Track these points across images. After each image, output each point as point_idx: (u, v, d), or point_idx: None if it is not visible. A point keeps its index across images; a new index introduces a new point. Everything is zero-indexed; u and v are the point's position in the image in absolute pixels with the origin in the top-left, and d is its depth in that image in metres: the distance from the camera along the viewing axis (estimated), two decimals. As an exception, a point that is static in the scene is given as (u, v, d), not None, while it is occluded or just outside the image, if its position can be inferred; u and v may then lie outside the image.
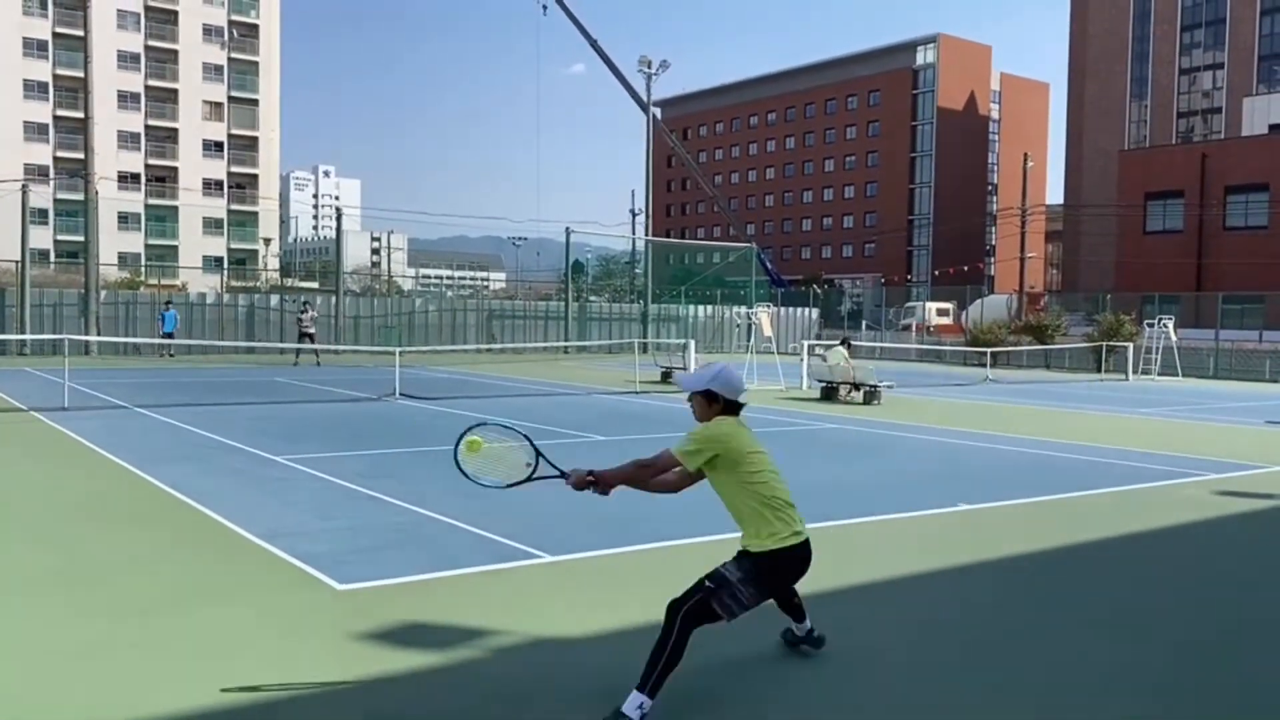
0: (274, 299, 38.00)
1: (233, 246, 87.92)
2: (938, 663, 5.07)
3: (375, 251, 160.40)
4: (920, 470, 11.61)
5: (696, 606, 4.29)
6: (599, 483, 4.74)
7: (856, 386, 20.49)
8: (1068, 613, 5.98)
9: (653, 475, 4.78)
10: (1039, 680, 4.83)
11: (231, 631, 5.25)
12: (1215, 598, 6.46)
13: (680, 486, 4.83)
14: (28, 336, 29.39)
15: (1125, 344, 32.68)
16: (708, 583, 4.36)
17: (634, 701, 4.12)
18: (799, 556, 4.48)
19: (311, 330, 30.46)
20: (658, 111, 65.34)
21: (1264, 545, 8.24)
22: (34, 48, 79.69)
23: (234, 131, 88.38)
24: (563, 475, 4.85)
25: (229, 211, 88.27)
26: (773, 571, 4.43)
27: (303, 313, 31.16)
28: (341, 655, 4.88)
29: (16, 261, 34.18)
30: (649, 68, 45.62)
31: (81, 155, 42.23)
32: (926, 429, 15.67)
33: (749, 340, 26.53)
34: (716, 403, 4.60)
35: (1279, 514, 9.44)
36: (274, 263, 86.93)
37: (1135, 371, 31.74)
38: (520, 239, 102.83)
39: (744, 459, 4.48)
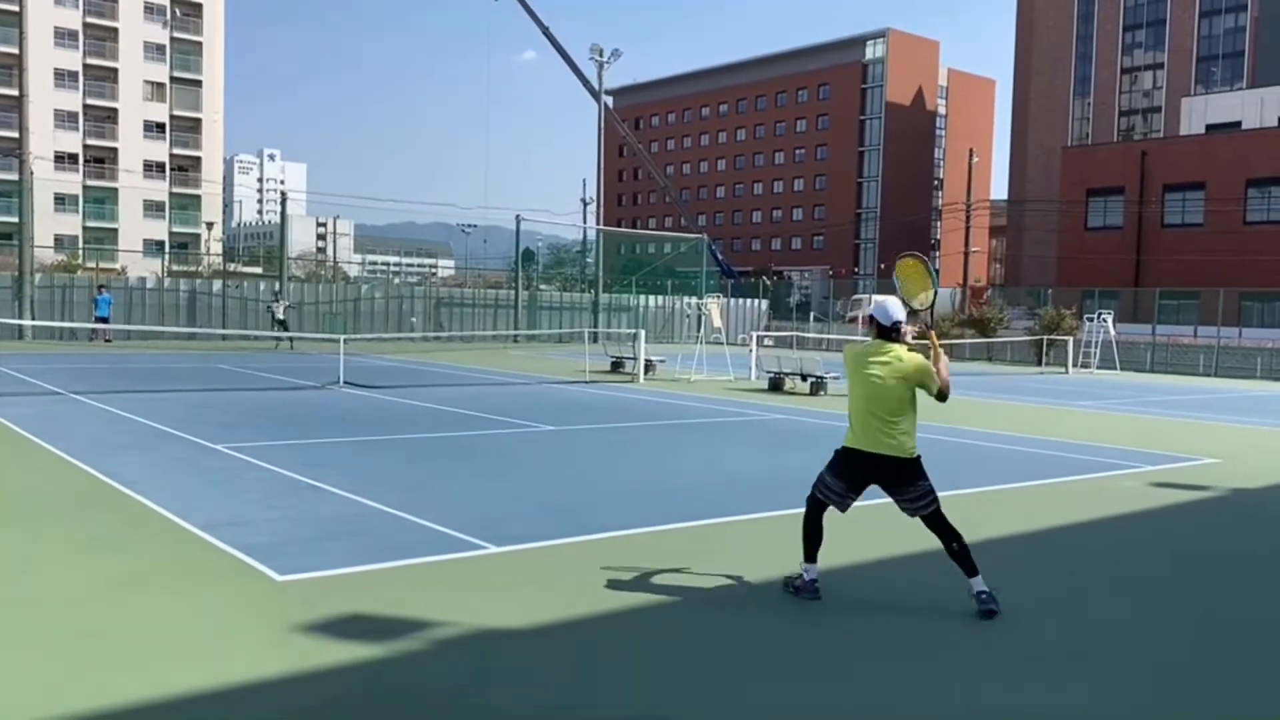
0: (216, 284, 37.33)
1: (174, 230, 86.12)
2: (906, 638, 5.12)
3: (321, 237, 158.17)
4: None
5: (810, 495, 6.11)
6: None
7: (803, 377, 20.66)
8: (1009, 598, 6.09)
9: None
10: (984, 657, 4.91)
11: (168, 622, 5.16)
12: (1146, 581, 6.62)
13: None
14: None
15: (1065, 338, 33.32)
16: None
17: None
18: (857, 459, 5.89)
19: (283, 317, 31.72)
20: (610, 100, 65.21)
21: (1196, 533, 8.44)
22: (-34, 23, 77.25)
23: (176, 113, 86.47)
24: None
25: (170, 194, 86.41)
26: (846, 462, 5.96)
27: (274, 302, 32.71)
28: (280, 646, 4.82)
29: (-53, 243, 33.18)
30: (601, 56, 45.46)
31: (16, 134, 41.09)
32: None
33: (699, 331, 26.60)
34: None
35: (1210, 504, 9.70)
36: (217, 247, 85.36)
37: (1075, 365, 32.37)
38: (470, 226, 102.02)
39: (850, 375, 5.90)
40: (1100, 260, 53.88)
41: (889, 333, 5.75)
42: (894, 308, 5.80)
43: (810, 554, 5.93)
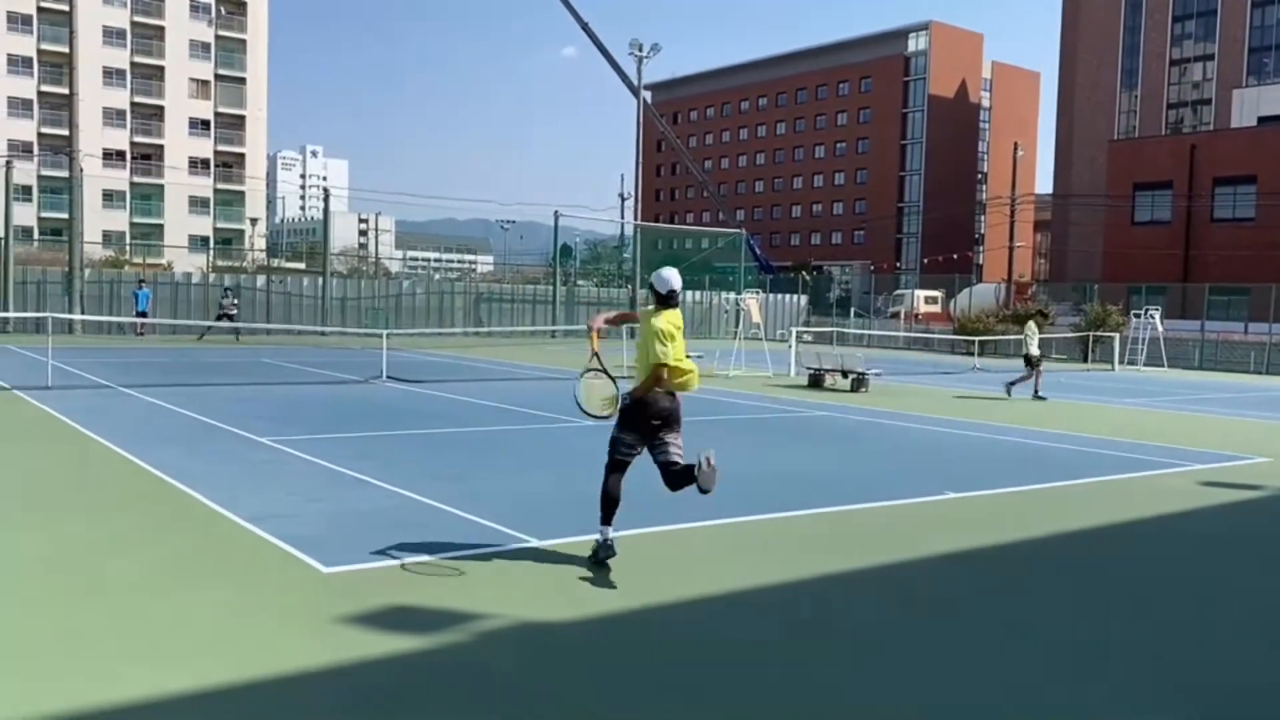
0: (260, 279, 37.79)
1: (219, 226, 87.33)
2: (936, 646, 5.08)
3: (363, 233, 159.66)
4: (906, 458, 11.64)
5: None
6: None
7: (844, 373, 20.52)
8: (1057, 600, 6.00)
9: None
10: (1025, 668, 4.85)
11: (216, 613, 5.23)
12: (1194, 580, 6.50)
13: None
14: (10, 314, 29.15)
15: (1112, 334, 32.81)
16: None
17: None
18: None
19: (233, 312, 31.18)
20: (648, 95, 65.10)
21: (1244, 533, 8.28)
22: (18, 22, 78.83)
23: (221, 110, 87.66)
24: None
25: (215, 191, 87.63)
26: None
27: (224, 298, 32.15)
28: (325, 638, 4.86)
29: (0, 239, 33.90)
30: (640, 51, 45.41)
31: (66, 132, 41.84)
32: (913, 417, 15.71)
33: (737, 326, 26.50)
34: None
35: (1260, 504, 9.51)
36: (260, 243, 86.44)
37: (1121, 362, 31.88)
38: (508, 222, 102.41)
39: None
40: (1147, 255, 52.99)
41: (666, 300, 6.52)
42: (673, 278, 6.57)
43: (604, 515, 6.38)
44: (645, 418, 6.39)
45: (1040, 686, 4.62)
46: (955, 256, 71.16)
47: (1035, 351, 19.86)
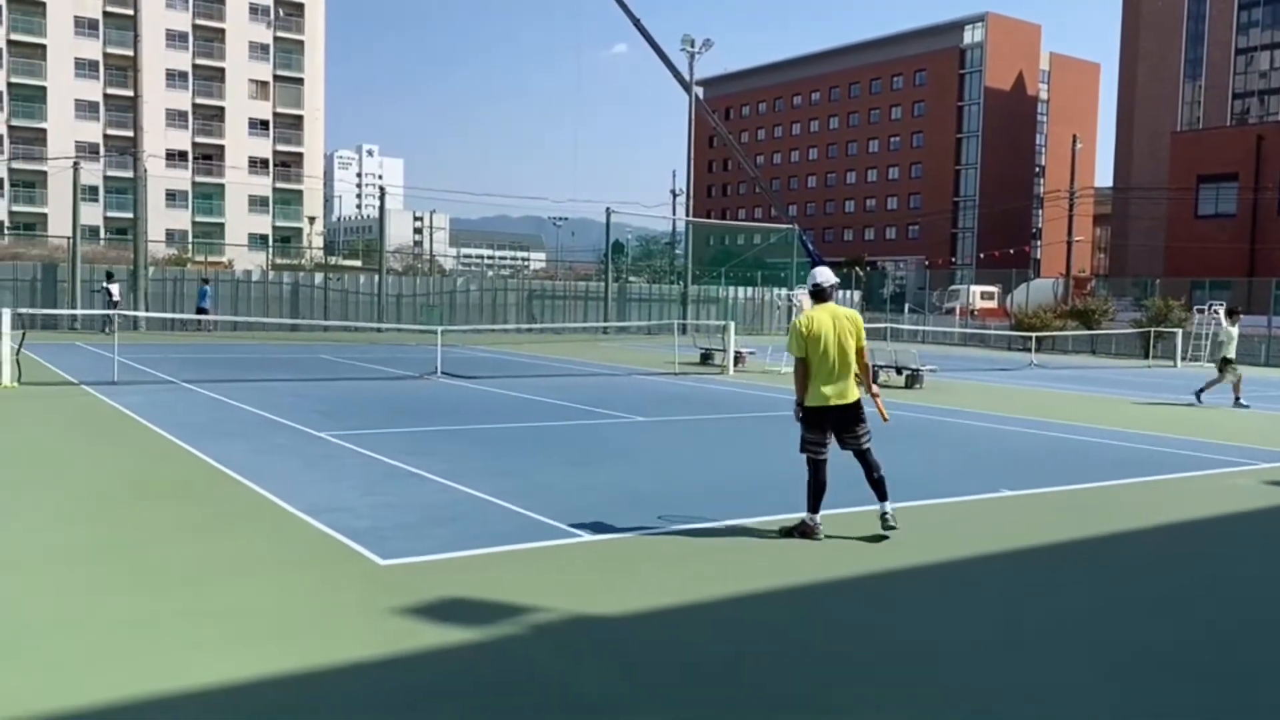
0: (318, 277, 38.40)
1: (277, 224, 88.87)
2: (985, 646, 5.03)
3: (418, 231, 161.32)
4: (961, 455, 11.51)
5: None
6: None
7: (898, 370, 20.33)
8: (1117, 598, 5.91)
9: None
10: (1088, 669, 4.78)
11: (276, 604, 5.34)
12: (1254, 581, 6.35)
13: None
14: (79, 311, 29.95)
15: (1174, 330, 32.11)
16: None
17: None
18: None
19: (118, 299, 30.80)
20: (700, 91, 64.90)
21: (1315, 536, 8.07)
22: (85, 27, 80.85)
23: (279, 110, 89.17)
24: None
25: (274, 189, 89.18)
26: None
27: (108, 282, 31.80)
28: (383, 629, 4.95)
29: (68, 237, 34.84)
30: (692, 47, 45.36)
31: (131, 133, 42.82)
32: (968, 414, 15.52)
33: (789, 322, 26.36)
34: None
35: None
36: (318, 241, 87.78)
37: (1184, 358, 31.19)
38: (561, 219, 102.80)
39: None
40: (1211, 249, 51.74)
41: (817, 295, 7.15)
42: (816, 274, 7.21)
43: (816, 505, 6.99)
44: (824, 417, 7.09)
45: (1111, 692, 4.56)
46: (1012, 251, 70.12)
47: (1232, 355, 18.57)
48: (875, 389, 7.44)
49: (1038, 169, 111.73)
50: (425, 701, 4.18)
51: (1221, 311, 31.80)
